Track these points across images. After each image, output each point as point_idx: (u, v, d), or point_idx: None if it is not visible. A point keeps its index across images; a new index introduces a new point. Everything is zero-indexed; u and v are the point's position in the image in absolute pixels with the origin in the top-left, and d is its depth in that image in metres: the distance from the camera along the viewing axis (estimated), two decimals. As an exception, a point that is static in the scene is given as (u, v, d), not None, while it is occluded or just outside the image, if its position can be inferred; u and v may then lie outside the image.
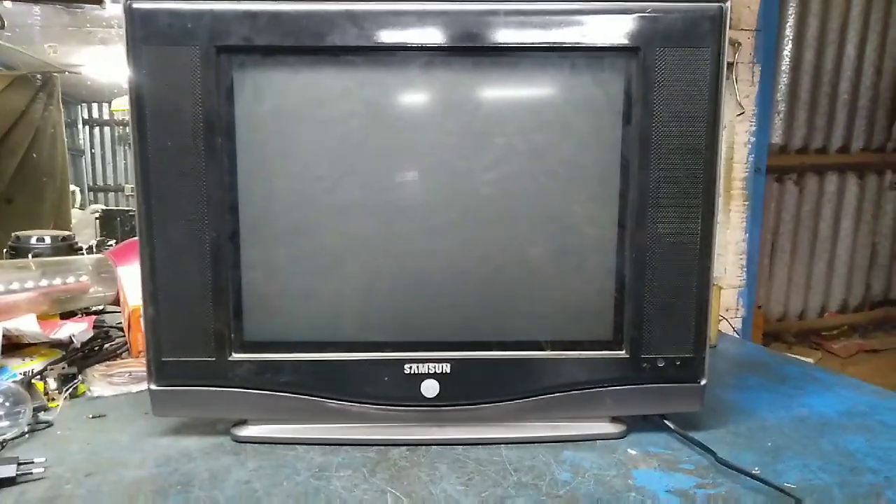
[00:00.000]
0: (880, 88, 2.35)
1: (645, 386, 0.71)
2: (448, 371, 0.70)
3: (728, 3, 0.66)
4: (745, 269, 1.79)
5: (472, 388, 0.70)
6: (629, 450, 0.70)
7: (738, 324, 1.81)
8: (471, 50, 0.66)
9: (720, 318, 1.27)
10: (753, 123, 1.69)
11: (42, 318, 0.98)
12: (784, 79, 2.23)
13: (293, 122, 0.68)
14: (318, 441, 0.70)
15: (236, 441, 0.71)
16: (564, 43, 0.66)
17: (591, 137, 0.69)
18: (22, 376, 0.82)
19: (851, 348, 2.39)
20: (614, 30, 0.65)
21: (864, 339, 2.47)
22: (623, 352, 0.70)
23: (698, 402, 0.72)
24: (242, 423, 0.72)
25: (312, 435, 0.71)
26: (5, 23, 1.48)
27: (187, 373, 0.69)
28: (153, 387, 0.69)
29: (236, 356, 0.69)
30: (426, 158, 0.69)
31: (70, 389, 0.82)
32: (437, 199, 0.69)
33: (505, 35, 0.65)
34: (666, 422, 0.73)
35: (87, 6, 1.44)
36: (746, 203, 1.75)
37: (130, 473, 0.64)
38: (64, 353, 0.93)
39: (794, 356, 2.23)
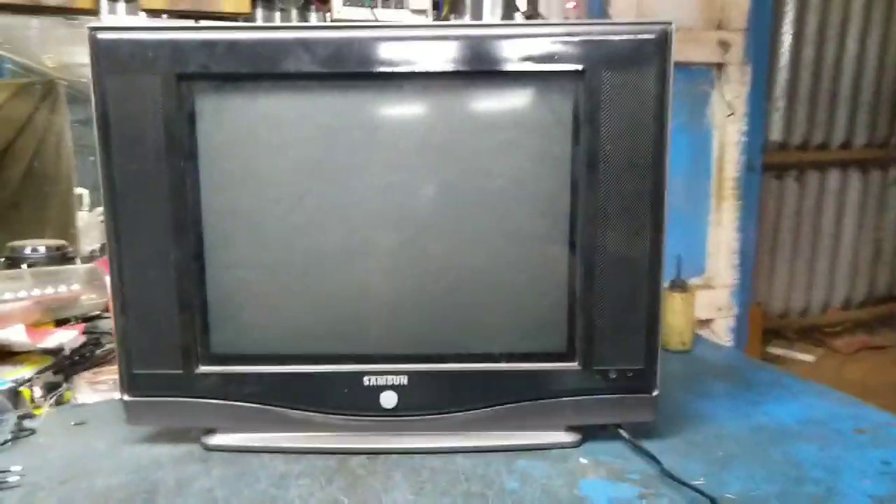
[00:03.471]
0: (883, 83, 2.32)
1: (597, 397, 0.73)
2: (405, 383, 0.72)
3: (672, 26, 0.67)
4: (738, 268, 1.79)
5: (429, 399, 0.73)
6: (581, 459, 0.72)
7: (731, 322, 1.81)
8: (420, 75, 0.68)
9: (699, 320, 1.28)
10: (745, 123, 1.69)
11: (37, 326, 1.03)
12: (784, 75, 2.21)
13: (253, 146, 0.71)
14: (282, 449, 0.73)
15: (206, 449, 0.74)
16: (512, 66, 0.68)
17: (541, 157, 0.71)
18: (12, 384, 0.86)
19: (854, 345, 2.38)
20: (560, 53, 0.67)
21: (868, 335, 2.45)
22: (575, 364, 0.72)
23: (651, 413, 0.74)
24: (212, 431, 0.76)
25: (277, 444, 0.74)
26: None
27: (157, 384, 0.72)
28: (125, 398, 0.73)
29: (203, 368, 0.72)
30: (380, 179, 0.71)
31: (55, 397, 0.86)
32: (392, 218, 0.72)
33: (454, 60, 0.67)
34: (620, 431, 0.75)
35: (83, 17, 1.48)
36: (740, 202, 1.75)
37: (102, 481, 0.68)
38: (55, 360, 0.97)
39: (789, 357, 2.23)
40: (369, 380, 0.72)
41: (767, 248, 2.31)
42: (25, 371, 0.93)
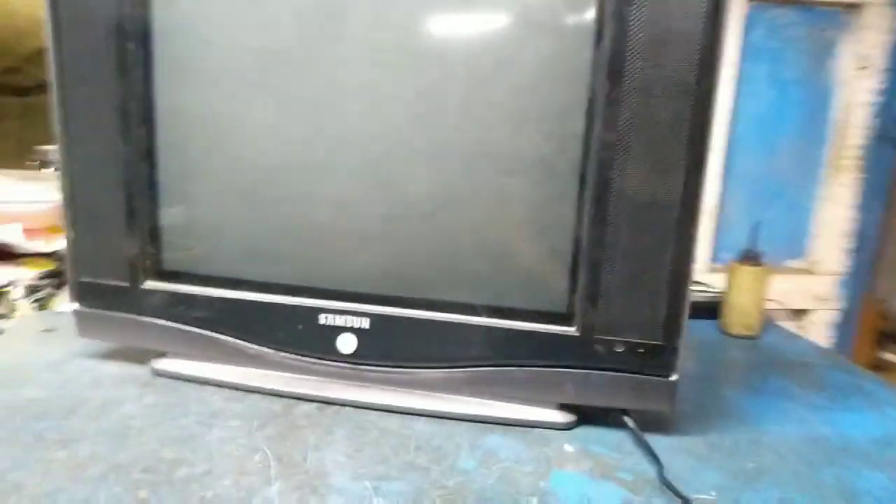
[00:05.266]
0: None
1: (598, 372, 0.58)
2: (367, 327, 0.61)
3: None
4: (852, 255, 1.52)
5: (394, 349, 0.62)
6: (567, 445, 0.58)
7: (835, 317, 1.55)
8: (407, -53, 0.55)
9: (792, 310, 1.07)
10: (882, 81, 1.40)
11: (55, 231, 1.01)
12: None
13: (211, 28, 0.60)
14: (229, 384, 0.65)
15: (153, 373, 0.68)
16: (522, -60, 0.53)
17: (552, 62, 0.56)
18: (8, 284, 0.84)
19: None
20: (582, -79, 0.51)
21: None
22: (573, 329, 0.58)
23: (666, 401, 0.58)
24: (164, 355, 0.69)
25: (225, 377, 0.65)
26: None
27: (104, 296, 0.66)
28: (75, 307, 0.67)
29: (150, 284, 0.65)
30: (352, 77, 0.59)
31: (36, 302, 0.83)
32: (365, 126, 0.60)
33: (448, -71, 0.53)
34: (626, 418, 0.61)
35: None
36: (863, 176, 1.47)
37: (30, 391, 0.62)
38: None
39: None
40: (325, 318, 0.62)
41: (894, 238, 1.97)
42: (26, 272, 0.91)
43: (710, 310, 1.01)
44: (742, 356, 0.86)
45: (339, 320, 0.61)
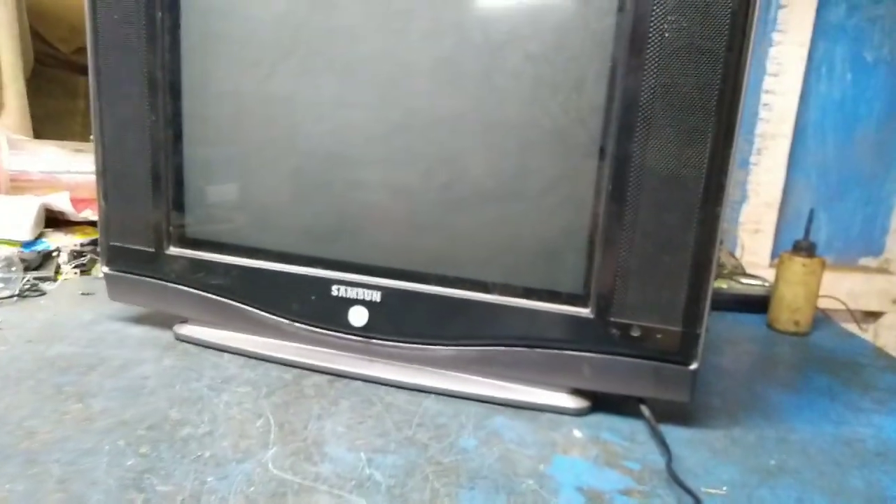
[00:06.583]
0: None
1: (611, 357, 0.56)
2: (378, 300, 0.60)
3: None
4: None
5: (405, 324, 0.61)
6: (576, 430, 0.56)
7: (908, 321, 1.44)
8: None
9: (863, 312, 1.00)
10: (972, 65, 1.28)
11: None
12: None
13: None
14: (245, 352, 0.66)
15: (176, 338, 0.69)
16: None
17: (572, 29, 0.53)
18: (43, 248, 0.88)
19: None
20: None
21: None
22: (587, 310, 0.56)
23: (684, 391, 0.55)
24: (186, 321, 0.70)
25: (243, 346, 0.66)
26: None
27: (132, 260, 0.68)
28: (104, 270, 0.69)
29: (173, 250, 0.66)
30: (370, 45, 0.58)
31: (78, 267, 0.86)
32: (380, 98, 0.59)
33: None
34: (642, 406, 0.58)
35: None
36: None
37: (59, 348, 0.65)
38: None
39: None
40: (337, 290, 0.61)
41: None
42: (75, 239, 0.95)
43: (760, 304, 0.95)
44: (786, 352, 0.81)
45: (351, 292, 0.61)
